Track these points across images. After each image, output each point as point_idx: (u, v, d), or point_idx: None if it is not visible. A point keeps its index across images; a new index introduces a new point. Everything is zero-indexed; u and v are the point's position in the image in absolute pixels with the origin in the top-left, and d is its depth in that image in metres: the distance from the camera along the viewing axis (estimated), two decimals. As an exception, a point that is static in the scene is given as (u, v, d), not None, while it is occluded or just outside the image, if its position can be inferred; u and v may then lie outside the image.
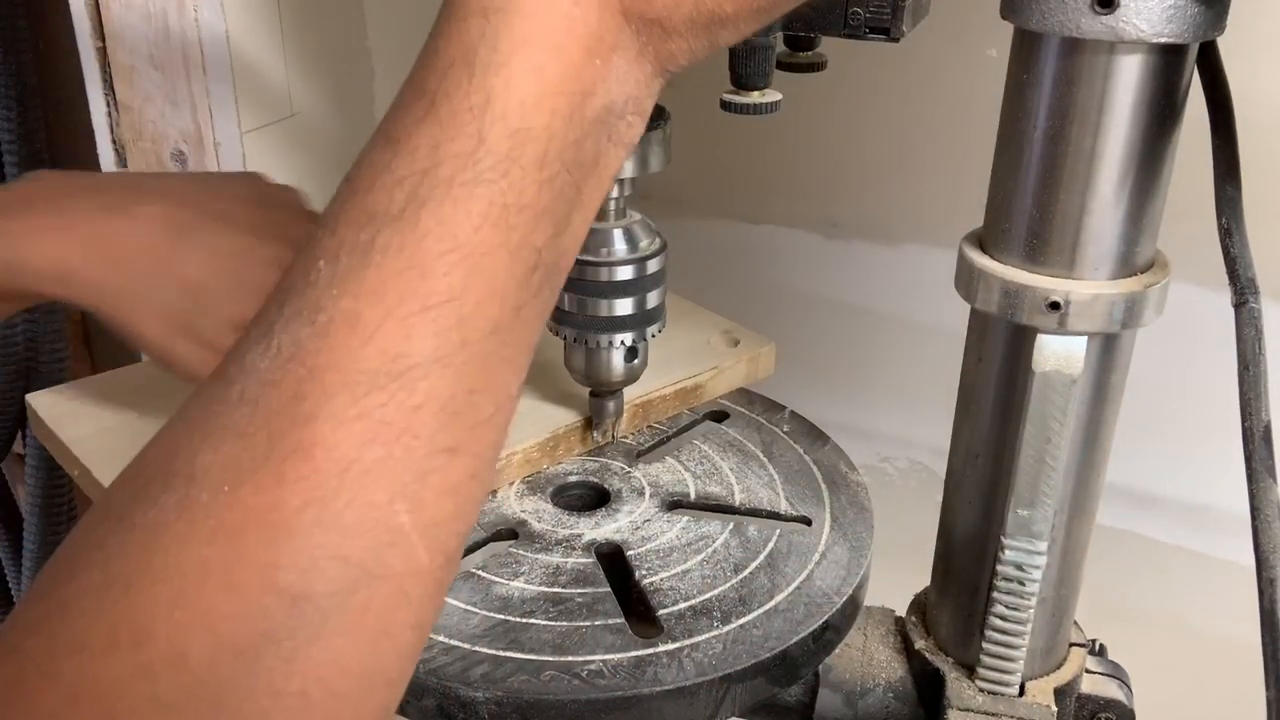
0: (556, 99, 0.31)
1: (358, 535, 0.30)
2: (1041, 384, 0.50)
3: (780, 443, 0.70)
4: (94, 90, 0.86)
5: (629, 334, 0.63)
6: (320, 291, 0.31)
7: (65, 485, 1.12)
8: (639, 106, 0.34)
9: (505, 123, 0.31)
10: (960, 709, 0.57)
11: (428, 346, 0.31)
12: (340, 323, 0.30)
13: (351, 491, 0.30)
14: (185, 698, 0.29)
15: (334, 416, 0.30)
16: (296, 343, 0.30)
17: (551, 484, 0.66)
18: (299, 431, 0.30)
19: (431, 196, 0.31)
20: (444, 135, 0.31)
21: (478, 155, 0.31)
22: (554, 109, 0.31)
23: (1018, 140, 0.49)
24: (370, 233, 0.31)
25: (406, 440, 0.30)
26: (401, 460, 0.30)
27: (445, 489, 0.32)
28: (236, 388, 0.31)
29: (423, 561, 0.31)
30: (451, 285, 0.31)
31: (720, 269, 1.03)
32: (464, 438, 0.32)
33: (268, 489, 0.29)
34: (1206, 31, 0.45)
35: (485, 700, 0.50)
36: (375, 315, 0.30)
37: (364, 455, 0.30)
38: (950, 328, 0.59)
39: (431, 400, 0.31)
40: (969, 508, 0.58)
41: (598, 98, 0.32)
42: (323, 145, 0.92)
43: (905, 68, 0.87)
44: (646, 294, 0.63)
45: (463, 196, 0.31)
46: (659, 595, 0.57)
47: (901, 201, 0.93)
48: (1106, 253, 0.50)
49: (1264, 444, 0.48)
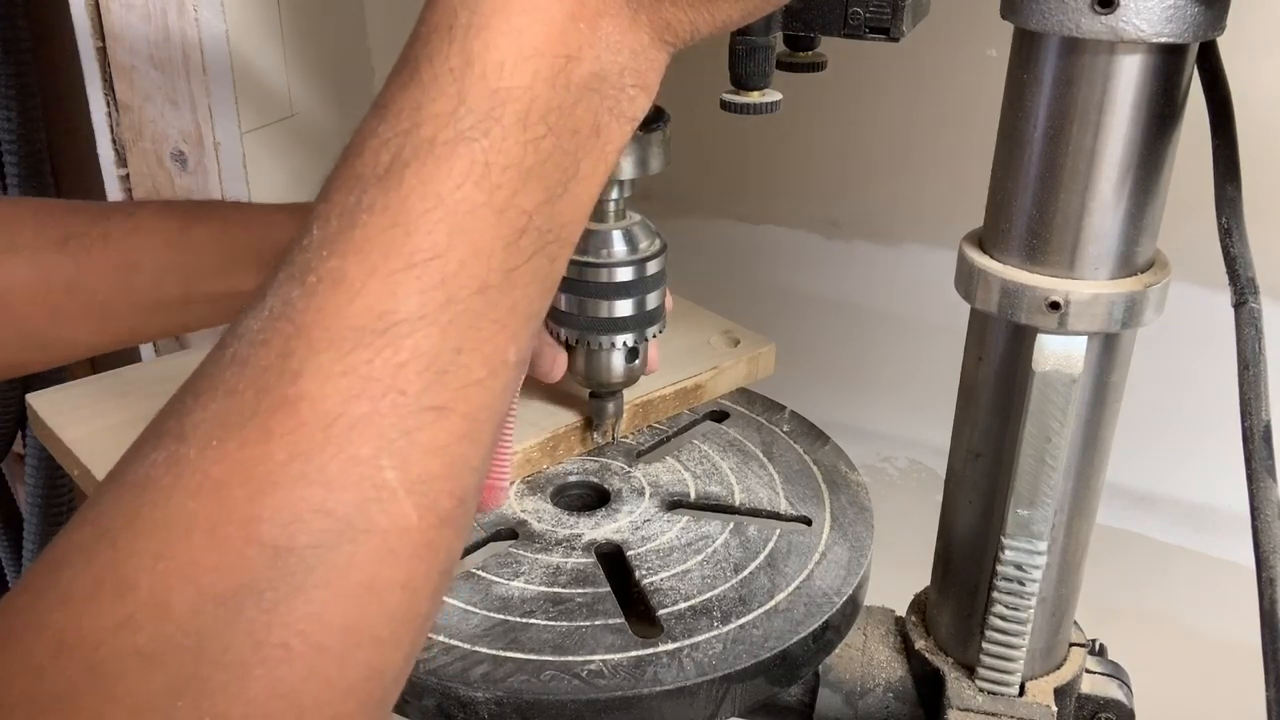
0: (537, 60, 0.32)
1: (342, 489, 0.30)
2: (1041, 384, 0.50)
3: (780, 443, 0.70)
4: (94, 90, 0.86)
5: (629, 335, 0.63)
6: (311, 254, 0.31)
7: (65, 485, 1.12)
8: (641, 79, 0.34)
9: (485, 83, 0.31)
10: (960, 709, 0.57)
11: (413, 303, 0.31)
12: (327, 281, 0.31)
13: (336, 446, 0.30)
14: (166, 647, 0.29)
15: (320, 372, 0.30)
16: (286, 302, 0.31)
17: (551, 484, 0.66)
18: (285, 387, 0.30)
19: (415, 156, 0.31)
20: (425, 97, 0.32)
21: (458, 114, 0.31)
22: (535, 70, 0.32)
23: (1018, 140, 0.49)
24: (357, 194, 0.31)
25: (393, 397, 0.31)
26: (388, 416, 0.31)
27: (433, 447, 0.32)
28: (230, 350, 0.32)
29: (410, 519, 0.31)
30: (435, 243, 0.31)
31: (720, 269, 1.03)
32: (452, 397, 0.32)
33: (253, 443, 0.30)
34: (1206, 31, 0.45)
35: (485, 700, 0.50)
36: (360, 273, 0.31)
37: (350, 410, 0.30)
38: (950, 327, 0.58)
39: (417, 357, 0.31)
40: (969, 508, 0.58)
41: (585, 63, 0.32)
42: (323, 145, 0.92)
43: (905, 68, 0.87)
44: (646, 295, 0.63)
45: (444, 155, 0.31)
46: (659, 595, 0.57)
47: (901, 201, 0.93)
48: (1106, 253, 0.50)
49: (1264, 444, 0.48)
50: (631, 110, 0.34)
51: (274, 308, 0.31)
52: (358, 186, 0.32)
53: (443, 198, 0.31)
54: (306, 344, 0.30)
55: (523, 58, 0.32)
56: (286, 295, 0.31)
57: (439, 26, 0.32)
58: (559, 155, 0.33)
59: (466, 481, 0.33)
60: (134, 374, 0.75)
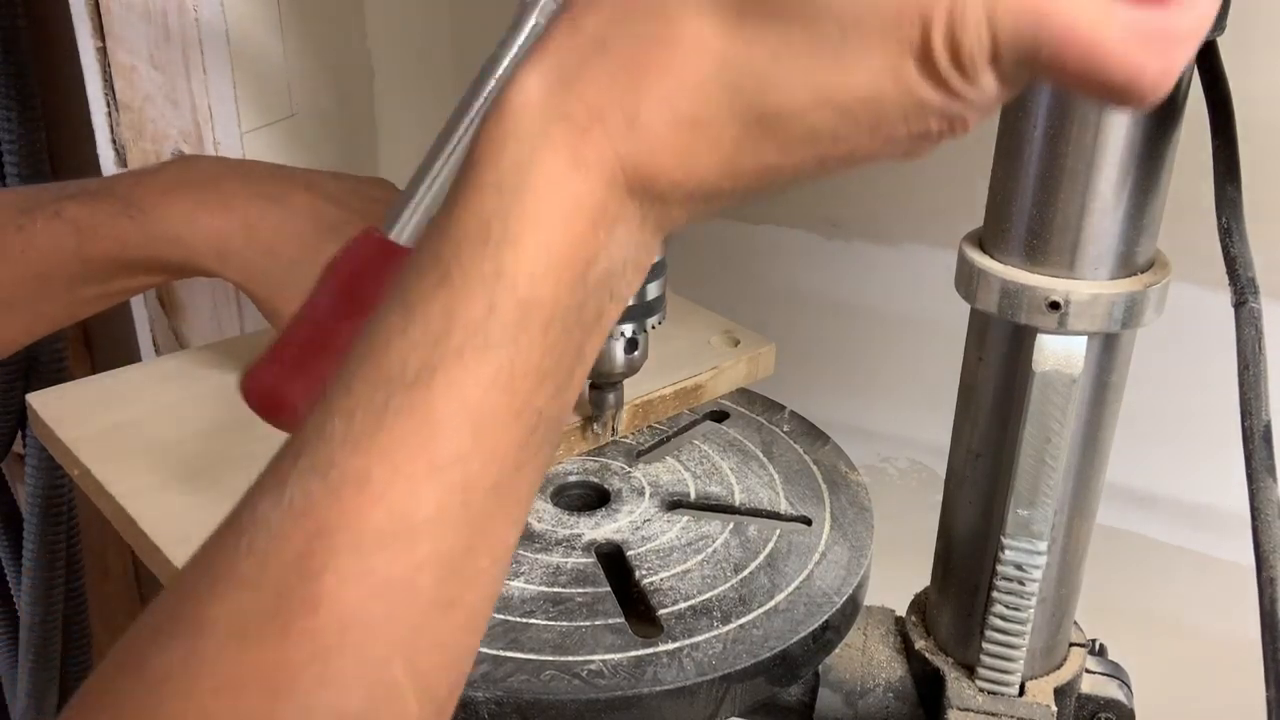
0: (561, 270, 0.33)
1: (355, 691, 0.31)
2: (1041, 384, 0.50)
3: (780, 443, 0.70)
4: (94, 90, 0.86)
5: (629, 325, 0.62)
6: (334, 448, 0.32)
7: (65, 485, 1.12)
8: (639, 266, 0.36)
9: (515, 293, 0.32)
10: (960, 709, 0.57)
11: (432, 506, 0.32)
12: (351, 480, 0.31)
13: (353, 648, 0.31)
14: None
15: (340, 573, 0.31)
16: (308, 496, 0.31)
17: (551, 484, 0.66)
18: (306, 587, 0.31)
19: (443, 362, 0.32)
20: (456, 303, 0.32)
21: (488, 324, 0.32)
22: (559, 279, 0.33)
23: (1018, 140, 0.49)
24: (385, 394, 0.32)
25: (408, 596, 0.32)
26: (401, 616, 0.32)
27: (439, 643, 0.33)
28: (246, 538, 0.32)
29: (412, 712, 0.32)
30: (459, 447, 0.32)
31: (720, 269, 1.03)
32: (460, 592, 0.33)
33: (273, 645, 0.30)
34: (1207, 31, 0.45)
35: (485, 700, 0.50)
36: (384, 474, 0.31)
37: (367, 612, 0.31)
38: (950, 328, 0.58)
39: (433, 558, 0.32)
40: (969, 508, 0.58)
41: (599, 265, 0.34)
42: (323, 145, 0.92)
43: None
44: (646, 285, 0.62)
45: (473, 363, 0.32)
46: (659, 595, 0.57)
47: (901, 201, 0.93)
48: (1106, 253, 0.50)
49: (1264, 444, 0.48)
50: (628, 291, 0.36)
51: (295, 500, 0.32)
52: (385, 386, 0.32)
53: (469, 404, 0.32)
54: (328, 545, 0.31)
55: (550, 268, 0.32)
56: (308, 488, 0.32)
57: (471, 234, 0.33)
58: (571, 350, 0.34)
59: (464, 669, 0.35)
60: (134, 374, 0.75)
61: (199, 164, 0.69)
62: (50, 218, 0.64)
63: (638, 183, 0.33)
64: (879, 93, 0.31)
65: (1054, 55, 0.29)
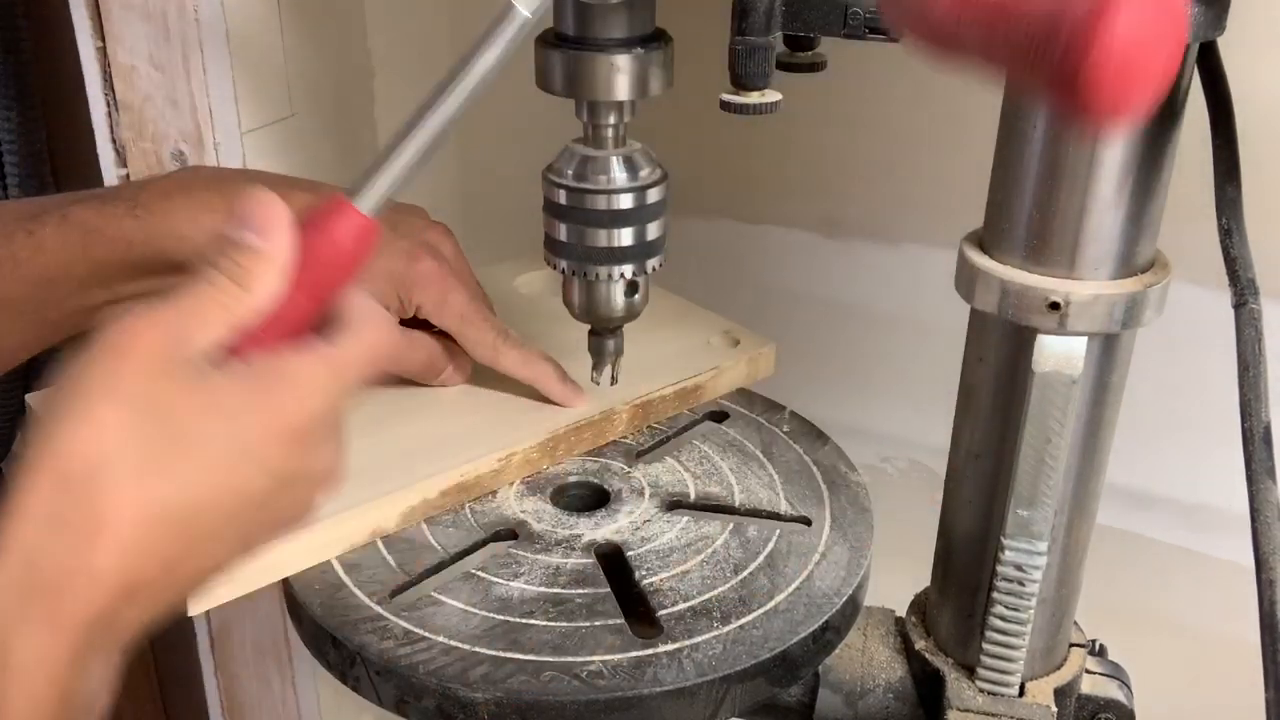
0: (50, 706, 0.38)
1: None
2: (1041, 384, 0.50)
3: (780, 443, 0.70)
4: (94, 90, 0.85)
5: (629, 266, 0.59)
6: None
7: (65, 485, 1.11)
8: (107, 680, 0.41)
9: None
10: (960, 709, 0.57)
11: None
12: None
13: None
14: None
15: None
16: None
17: (551, 484, 0.66)
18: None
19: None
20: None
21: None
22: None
23: (1018, 140, 0.49)
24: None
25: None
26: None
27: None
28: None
29: None
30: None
31: (720, 269, 1.03)
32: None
33: None
34: (1206, 31, 0.45)
35: (485, 701, 0.50)
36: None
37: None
38: (950, 327, 0.58)
39: None
40: (969, 508, 0.58)
41: (81, 696, 0.39)
42: (323, 145, 0.92)
43: (905, 67, 0.87)
44: (647, 225, 0.59)
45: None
46: (659, 596, 0.57)
47: (901, 201, 0.93)
48: (1106, 253, 0.50)
49: (1264, 445, 0.48)
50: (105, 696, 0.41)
51: None
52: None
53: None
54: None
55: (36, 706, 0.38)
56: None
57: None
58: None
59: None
60: (134, 374, 0.74)
61: (203, 170, 0.71)
62: (58, 221, 0.65)
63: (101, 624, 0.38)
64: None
65: None
